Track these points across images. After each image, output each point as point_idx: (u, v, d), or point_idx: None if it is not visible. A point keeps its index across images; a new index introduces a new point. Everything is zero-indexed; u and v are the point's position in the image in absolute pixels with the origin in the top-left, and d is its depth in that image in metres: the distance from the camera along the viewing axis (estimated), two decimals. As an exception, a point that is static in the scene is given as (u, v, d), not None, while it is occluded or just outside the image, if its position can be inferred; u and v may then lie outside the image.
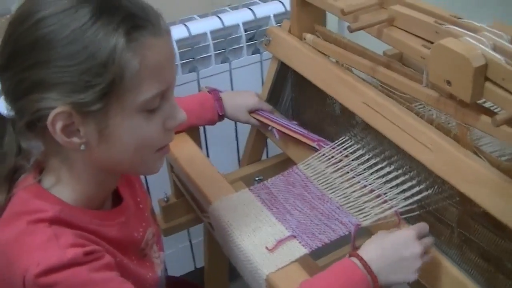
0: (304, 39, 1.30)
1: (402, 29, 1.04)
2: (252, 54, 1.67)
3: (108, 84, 0.75)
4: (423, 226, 0.98)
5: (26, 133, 0.82)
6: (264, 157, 1.59)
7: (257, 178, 1.44)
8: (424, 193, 1.01)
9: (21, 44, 0.76)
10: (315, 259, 1.33)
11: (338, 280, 0.91)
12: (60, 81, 0.75)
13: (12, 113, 0.82)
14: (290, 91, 1.38)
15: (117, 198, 0.97)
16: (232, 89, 1.68)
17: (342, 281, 0.90)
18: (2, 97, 0.82)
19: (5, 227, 0.81)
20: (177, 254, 1.86)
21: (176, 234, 1.55)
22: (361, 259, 0.91)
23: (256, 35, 1.65)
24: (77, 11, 0.74)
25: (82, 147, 0.80)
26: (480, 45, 0.87)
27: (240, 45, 1.63)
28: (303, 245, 0.99)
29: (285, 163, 1.41)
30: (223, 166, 1.45)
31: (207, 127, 1.55)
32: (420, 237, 0.96)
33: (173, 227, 1.47)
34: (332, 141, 1.21)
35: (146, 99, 0.78)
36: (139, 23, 0.76)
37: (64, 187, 0.86)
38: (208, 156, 1.75)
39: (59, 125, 0.77)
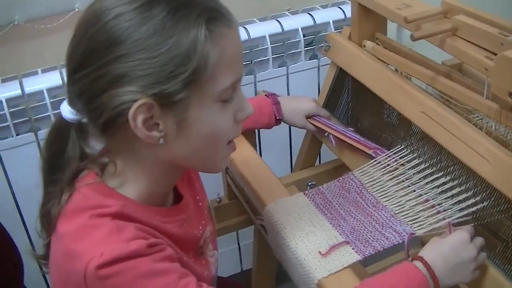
0: (364, 46, 1.29)
1: (465, 39, 1.03)
2: (310, 60, 1.67)
3: (191, 74, 0.76)
4: (470, 228, 0.99)
5: (98, 134, 0.84)
6: (316, 163, 1.59)
7: (310, 183, 1.44)
8: (480, 205, 1.00)
9: (98, 41, 0.77)
10: (364, 266, 1.33)
11: (400, 281, 0.92)
12: (142, 73, 0.75)
13: (76, 117, 0.84)
14: (348, 97, 1.38)
15: (177, 196, 0.98)
16: (288, 93, 1.68)
17: (405, 283, 0.91)
18: (65, 102, 0.84)
19: (67, 221, 0.83)
20: (225, 256, 1.87)
21: (225, 235, 1.57)
22: (425, 263, 0.92)
23: (315, 40, 1.66)
24: (152, 7, 0.76)
25: (161, 141, 0.80)
26: (546, 58, 0.85)
27: (298, 50, 1.64)
28: (356, 252, 0.99)
29: (338, 170, 1.41)
30: (275, 170, 1.45)
31: (261, 130, 1.56)
32: (472, 238, 0.98)
33: (223, 227, 1.48)
34: (389, 149, 1.20)
35: (223, 89, 0.80)
36: (215, 15, 0.78)
37: (128, 185, 0.87)
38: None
39: (140, 118, 0.77)
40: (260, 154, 1.74)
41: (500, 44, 0.96)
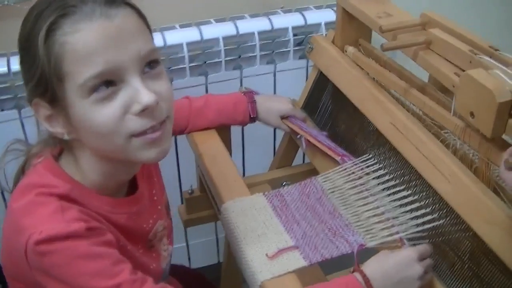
0: (345, 51, 1.28)
1: (438, 54, 1.02)
2: (299, 59, 1.66)
3: (41, 75, 0.81)
4: (425, 248, 0.98)
5: None
6: (299, 162, 1.58)
7: (284, 183, 1.43)
8: (437, 223, 0.99)
9: None
10: (327, 273, 1.32)
11: None
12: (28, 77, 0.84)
13: None
14: (327, 101, 1.37)
15: (133, 188, 0.99)
16: (274, 91, 1.68)
17: None
18: None
19: (18, 197, 0.86)
20: (202, 246, 1.88)
21: (203, 226, 1.57)
22: (364, 276, 0.92)
23: (305, 41, 1.64)
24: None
25: (65, 136, 0.86)
26: (510, 81, 0.84)
27: (288, 49, 1.63)
28: (303, 257, 0.99)
29: (314, 172, 1.40)
30: (257, 167, 1.46)
31: (246, 126, 1.56)
32: (422, 258, 0.97)
33: (194, 219, 1.48)
34: (359, 157, 1.19)
35: (82, 83, 0.80)
36: (63, 12, 0.79)
37: (82, 172, 0.90)
38: (244, 155, 1.76)
39: (41, 114, 0.85)
40: (243, 150, 1.74)
41: (469, 62, 0.95)
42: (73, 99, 0.81)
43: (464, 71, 0.94)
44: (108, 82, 0.81)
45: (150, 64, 0.85)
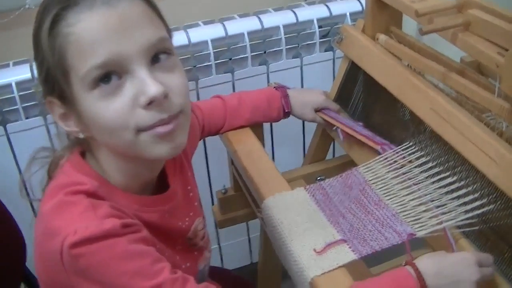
0: (377, 39, 1.26)
1: (478, 35, 0.99)
2: (325, 52, 1.64)
3: (47, 70, 0.80)
4: (487, 256, 0.93)
5: None
6: (330, 157, 1.56)
7: (318, 178, 1.41)
8: (486, 208, 0.96)
9: None
10: (369, 266, 1.30)
11: (389, 285, 0.88)
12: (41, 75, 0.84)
13: None
14: (360, 91, 1.35)
15: (164, 185, 0.96)
16: (302, 85, 1.66)
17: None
18: None
19: (47, 199, 0.84)
20: (235, 247, 1.87)
21: (235, 227, 1.55)
22: (416, 270, 0.87)
23: (331, 32, 1.62)
24: None
25: (80, 134, 0.85)
26: (559, 57, 0.81)
27: (313, 41, 1.61)
28: (352, 251, 0.96)
29: (349, 165, 1.37)
30: (287, 163, 1.43)
31: (274, 123, 1.54)
32: (481, 265, 0.91)
33: (229, 219, 1.46)
34: (398, 146, 1.17)
35: (84, 74, 0.77)
36: (66, 4, 0.78)
37: (107, 167, 0.88)
38: (273, 152, 1.74)
39: (56, 112, 0.84)
40: (273, 147, 1.72)
41: (513, 40, 0.92)
42: (80, 94, 0.79)
43: (507, 50, 0.91)
44: (113, 74, 0.78)
45: (160, 54, 0.81)
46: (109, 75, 0.78)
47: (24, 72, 1.41)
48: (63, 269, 0.78)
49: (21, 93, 1.40)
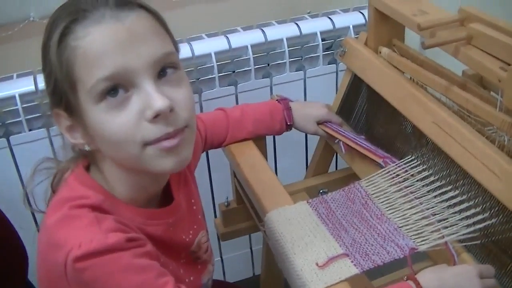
0: (380, 52, 1.26)
1: (480, 49, 0.99)
2: (328, 64, 1.64)
3: (55, 82, 0.81)
4: (488, 268, 0.93)
5: None
6: (332, 170, 1.56)
7: (321, 191, 1.41)
8: (488, 222, 0.96)
9: None
10: (371, 279, 1.30)
11: None
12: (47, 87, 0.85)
13: None
14: (362, 104, 1.35)
15: (168, 199, 0.96)
16: (305, 98, 1.66)
17: None
18: None
19: (51, 212, 0.84)
20: (237, 260, 1.86)
21: (237, 239, 1.55)
22: (417, 284, 0.88)
23: (334, 45, 1.63)
24: None
25: (86, 147, 0.85)
26: (561, 72, 0.81)
27: (317, 54, 1.61)
28: (354, 265, 0.96)
29: (352, 177, 1.37)
30: (290, 176, 1.44)
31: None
32: (483, 276, 0.91)
33: (231, 232, 1.46)
34: (400, 159, 1.17)
35: (90, 87, 0.78)
36: (74, 17, 0.79)
37: (111, 180, 0.88)
38: (276, 164, 1.74)
39: (62, 124, 0.85)
40: (275, 159, 1.72)
41: (515, 55, 0.92)
42: (86, 107, 0.80)
43: (509, 65, 0.91)
44: (120, 87, 0.78)
45: (167, 69, 0.82)
46: (116, 88, 0.78)
47: (27, 84, 1.42)
48: (66, 282, 0.78)
49: (24, 105, 1.41)
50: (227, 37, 1.53)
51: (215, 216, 1.68)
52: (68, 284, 0.78)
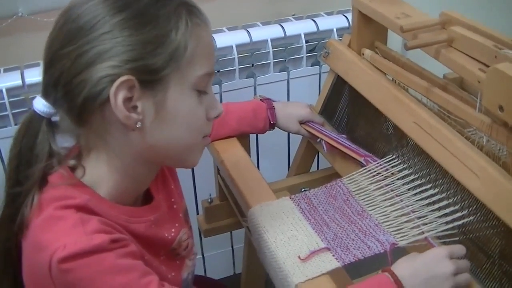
0: (363, 54, 1.29)
1: (460, 51, 1.02)
2: (312, 66, 1.67)
3: (172, 53, 0.81)
4: (458, 248, 0.96)
5: (71, 125, 0.85)
6: (314, 169, 1.58)
7: (303, 189, 1.43)
8: (466, 219, 0.99)
9: (85, 20, 0.79)
10: (352, 278, 1.32)
11: None
12: (125, 49, 0.78)
13: (49, 110, 0.85)
14: (345, 105, 1.37)
15: (149, 198, 0.98)
16: (288, 98, 1.68)
17: None
18: (39, 96, 0.85)
19: (38, 212, 0.83)
20: (218, 258, 1.87)
21: (218, 237, 1.56)
22: (392, 274, 0.91)
23: (317, 47, 1.65)
24: None
25: (139, 124, 0.82)
26: (538, 74, 0.84)
27: (300, 56, 1.63)
28: (336, 258, 0.98)
29: (333, 177, 1.39)
30: (272, 175, 1.45)
31: (260, 135, 1.56)
32: (453, 257, 0.94)
33: (214, 228, 1.48)
34: (381, 158, 1.19)
35: (200, 75, 0.84)
36: (192, 10, 0.84)
37: (98, 182, 0.88)
38: (258, 164, 1.76)
39: (121, 96, 0.79)
40: (258, 158, 1.74)
41: (494, 57, 0.95)
42: (182, 88, 0.83)
43: (488, 66, 0.94)
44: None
45: None
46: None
47: (14, 79, 1.42)
48: (51, 283, 0.78)
49: (11, 99, 1.41)
50: (212, 37, 1.54)
51: (197, 213, 1.69)
52: (53, 285, 0.78)
